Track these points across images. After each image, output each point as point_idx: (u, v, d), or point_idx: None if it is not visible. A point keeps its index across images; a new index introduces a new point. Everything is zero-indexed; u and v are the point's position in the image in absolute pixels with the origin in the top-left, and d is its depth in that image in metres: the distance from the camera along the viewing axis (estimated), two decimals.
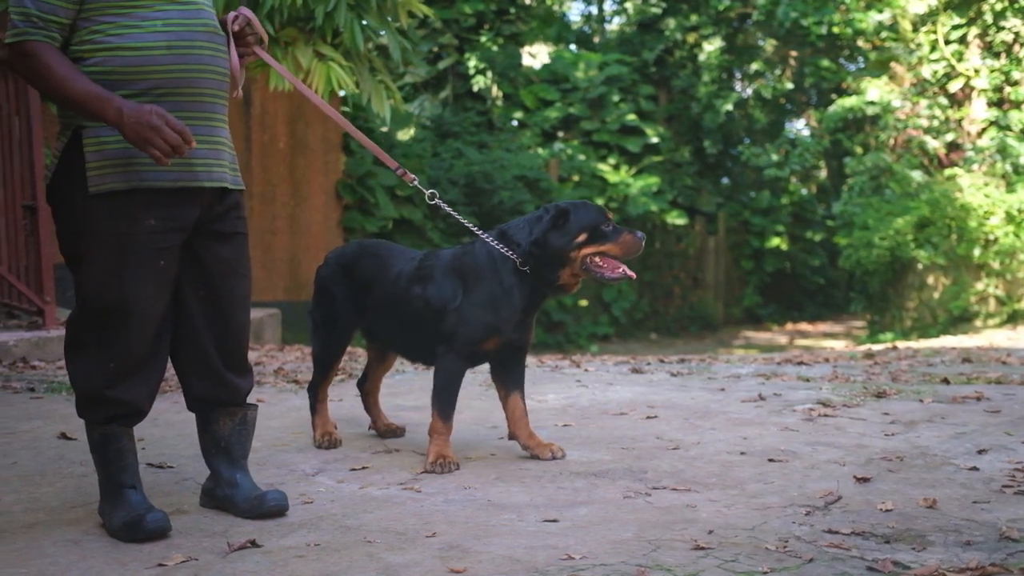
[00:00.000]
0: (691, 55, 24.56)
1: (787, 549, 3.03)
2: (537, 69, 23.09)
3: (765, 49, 24.79)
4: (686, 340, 21.10)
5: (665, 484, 3.81)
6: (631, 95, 22.72)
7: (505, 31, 21.26)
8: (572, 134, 22.18)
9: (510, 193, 17.76)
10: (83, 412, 3.28)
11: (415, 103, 20.65)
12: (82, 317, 3.22)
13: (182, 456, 4.31)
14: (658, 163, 22.14)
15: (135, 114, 3.00)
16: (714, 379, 6.41)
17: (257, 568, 2.93)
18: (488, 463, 4.19)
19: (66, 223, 3.21)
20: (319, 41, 7.82)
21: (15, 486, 3.86)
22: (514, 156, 19.04)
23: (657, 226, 21.71)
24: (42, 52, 3.07)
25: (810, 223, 24.47)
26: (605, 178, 21.13)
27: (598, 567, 2.91)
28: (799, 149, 20.83)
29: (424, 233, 16.84)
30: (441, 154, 18.62)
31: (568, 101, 22.11)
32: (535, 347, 18.03)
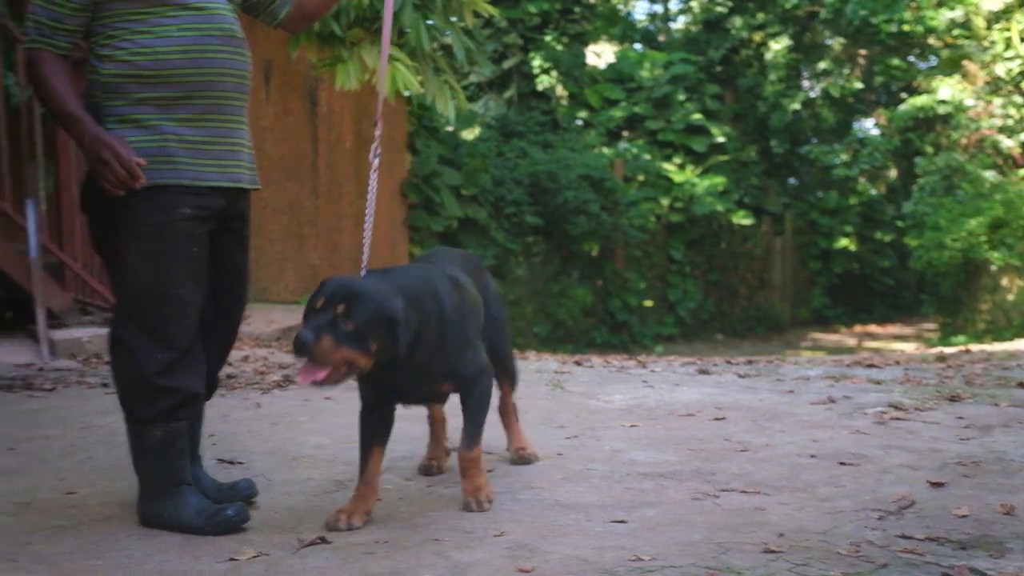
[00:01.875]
0: (758, 54, 24.33)
1: (859, 554, 2.98)
2: (602, 68, 23.02)
3: (833, 47, 24.48)
4: (752, 341, 20.91)
5: (734, 486, 3.78)
6: (697, 94, 22.56)
7: (570, 30, 21.21)
8: (637, 133, 22.07)
9: (575, 193, 17.72)
10: (140, 410, 3.29)
11: (480, 103, 20.68)
12: (125, 312, 3.27)
13: (252, 452, 4.36)
14: (724, 163, 21.96)
15: (92, 144, 3.13)
16: (782, 381, 6.34)
17: (327, 564, 2.95)
18: (555, 463, 4.17)
19: (103, 220, 3.28)
20: None
21: (91, 479, 3.93)
22: (579, 156, 18.99)
23: (723, 226, 21.54)
24: (43, 61, 3.19)
25: (879, 224, 24.11)
26: (670, 178, 21.00)
27: (667, 569, 2.88)
28: (868, 148, 20.55)
29: (488, 232, 16.87)
30: (505, 154, 18.62)
31: (633, 100, 22.01)
32: (601, 347, 18.02)
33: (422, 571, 2.89)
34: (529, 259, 17.93)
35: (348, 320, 3.14)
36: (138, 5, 3.18)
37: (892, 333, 22.02)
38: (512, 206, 17.39)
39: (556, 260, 18.45)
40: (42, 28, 3.18)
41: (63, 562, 3.00)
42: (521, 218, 17.45)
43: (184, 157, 3.21)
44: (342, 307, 3.15)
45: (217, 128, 3.31)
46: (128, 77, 3.18)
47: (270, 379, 6.32)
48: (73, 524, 3.37)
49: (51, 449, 4.43)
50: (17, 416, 5.13)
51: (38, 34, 3.19)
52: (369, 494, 3.42)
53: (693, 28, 25.22)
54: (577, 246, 18.36)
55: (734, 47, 23.81)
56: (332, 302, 3.17)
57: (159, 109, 3.21)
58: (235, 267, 3.50)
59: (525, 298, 17.61)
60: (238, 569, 2.92)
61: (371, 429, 3.48)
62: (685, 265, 21.12)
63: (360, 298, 3.18)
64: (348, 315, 3.15)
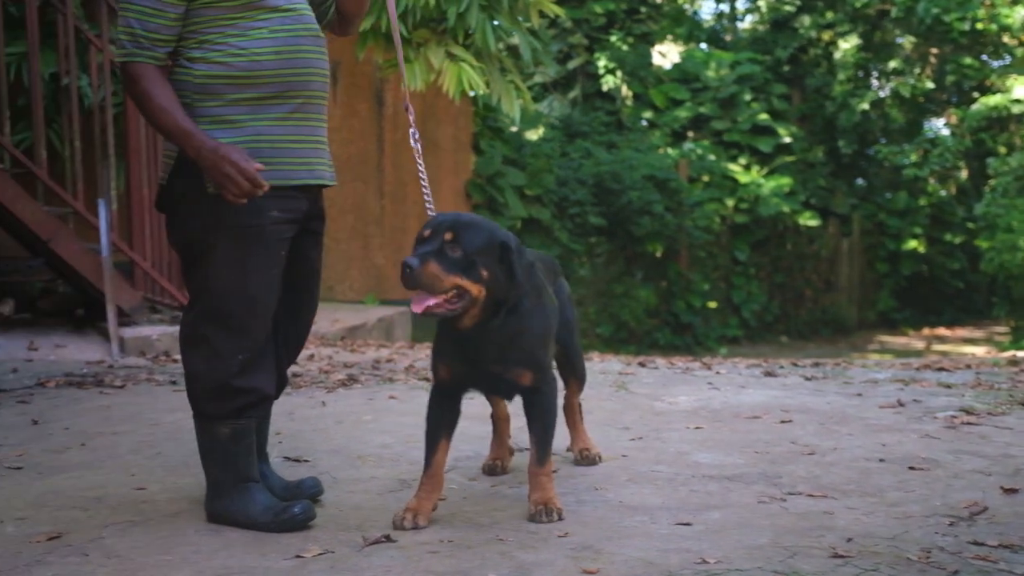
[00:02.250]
0: (826, 53, 24.07)
1: (930, 560, 2.93)
2: (667, 68, 22.91)
3: (904, 46, 24.13)
4: (818, 344, 20.69)
5: (801, 490, 3.73)
6: (763, 94, 22.38)
7: (635, 30, 21.14)
8: (702, 134, 21.94)
9: (639, 193, 17.66)
10: (211, 408, 3.31)
11: (544, 103, 20.68)
12: (206, 311, 3.28)
13: (318, 450, 4.39)
14: (790, 163, 21.75)
15: (211, 159, 3.09)
16: (850, 384, 6.26)
17: (392, 563, 2.96)
18: (619, 464, 4.16)
19: (188, 220, 3.29)
20: (451, 42, 7.88)
21: (159, 475, 3.98)
22: (643, 156, 18.92)
23: (789, 227, 21.35)
24: (145, 76, 3.16)
25: (949, 225, 23.73)
26: (736, 178, 20.85)
27: (733, 572, 2.86)
28: (939, 149, 20.24)
29: (552, 232, 16.86)
30: (570, 154, 18.61)
31: (699, 100, 21.88)
32: (664, 348, 17.94)
33: (486, 571, 2.89)
34: (592, 259, 17.91)
35: (456, 246, 3.14)
36: (230, 10, 3.20)
37: (962, 336, 21.68)
38: (576, 206, 17.37)
39: (620, 261, 18.40)
40: (139, 40, 3.15)
41: (133, 556, 3.04)
42: (585, 218, 17.42)
43: (275, 157, 3.24)
44: (449, 234, 3.15)
45: (305, 127, 3.34)
46: (222, 78, 3.20)
47: (335, 378, 6.36)
48: (142, 519, 3.42)
49: (121, 445, 4.50)
50: (89, 412, 5.22)
51: (136, 47, 3.16)
52: (434, 489, 3.40)
53: (760, 27, 25.02)
54: (641, 247, 18.29)
55: (802, 46, 23.58)
56: (439, 231, 3.17)
57: (251, 110, 3.23)
58: (310, 266, 3.52)
59: (588, 299, 17.59)
60: (304, 566, 2.94)
61: (439, 418, 3.45)
62: (750, 266, 20.96)
63: (469, 225, 3.18)
64: (456, 241, 3.14)
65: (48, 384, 5.96)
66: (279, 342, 3.51)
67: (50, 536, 3.22)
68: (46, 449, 4.42)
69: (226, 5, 3.19)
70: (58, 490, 3.78)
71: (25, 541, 3.19)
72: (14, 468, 4.10)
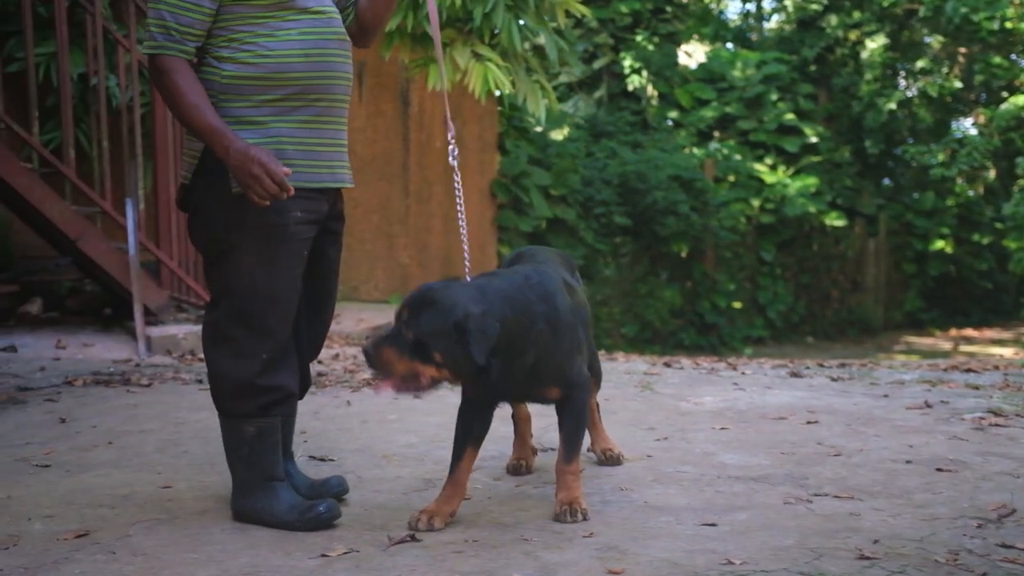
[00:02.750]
0: (853, 53, 23.93)
1: (958, 562, 2.91)
2: (693, 68, 22.83)
3: (932, 46, 23.97)
4: (844, 344, 20.58)
5: (827, 491, 3.72)
6: (790, 94, 22.27)
7: (661, 30, 21.08)
8: (728, 134, 21.85)
9: (664, 194, 17.61)
10: (235, 406, 3.33)
11: (569, 103, 20.65)
12: (229, 311, 3.30)
13: (343, 450, 4.40)
14: (817, 163, 21.64)
15: (240, 159, 3.09)
16: (877, 385, 6.22)
17: (416, 562, 2.96)
18: (645, 465, 4.15)
19: (211, 220, 3.30)
20: (477, 41, 7.88)
21: (186, 474, 4.00)
22: (669, 156, 18.87)
23: (815, 228, 21.24)
24: (176, 70, 3.15)
25: (977, 225, 23.55)
26: (762, 178, 20.76)
27: (759, 574, 2.85)
28: (967, 148, 20.07)
29: (577, 232, 16.84)
30: (595, 154, 18.58)
31: (724, 100, 21.80)
32: (689, 348, 17.89)
33: (511, 571, 2.89)
34: (617, 259, 17.88)
35: (409, 329, 3.11)
36: (260, 9, 3.21)
37: (989, 337, 21.52)
38: (601, 206, 17.35)
39: (645, 261, 18.36)
40: (171, 33, 3.14)
41: (159, 554, 3.06)
42: (610, 218, 17.39)
43: (298, 159, 3.25)
44: (406, 313, 3.13)
45: (328, 130, 3.35)
46: (249, 79, 3.21)
47: (360, 377, 6.38)
48: (169, 517, 3.44)
49: (148, 443, 4.52)
50: (116, 410, 5.25)
51: (167, 39, 3.15)
52: (455, 495, 3.40)
53: (787, 27, 24.90)
54: (666, 247, 18.25)
55: (829, 46, 23.45)
56: (403, 309, 3.16)
57: (277, 111, 3.24)
58: (329, 266, 3.54)
59: (613, 299, 17.56)
60: (329, 565, 2.95)
61: (467, 427, 3.45)
62: (776, 267, 20.86)
63: (424, 306, 3.12)
64: (409, 324, 3.11)
65: (75, 383, 6.00)
66: (301, 341, 3.52)
67: (78, 534, 3.25)
68: (73, 447, 4.45)
69: (257, 4, 3.19)
70: (86, 488, 3.80)
71: (53, 538, 3.21)
72: (42, 466, 4.13)
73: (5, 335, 7.22)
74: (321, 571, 2.90)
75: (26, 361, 6.62)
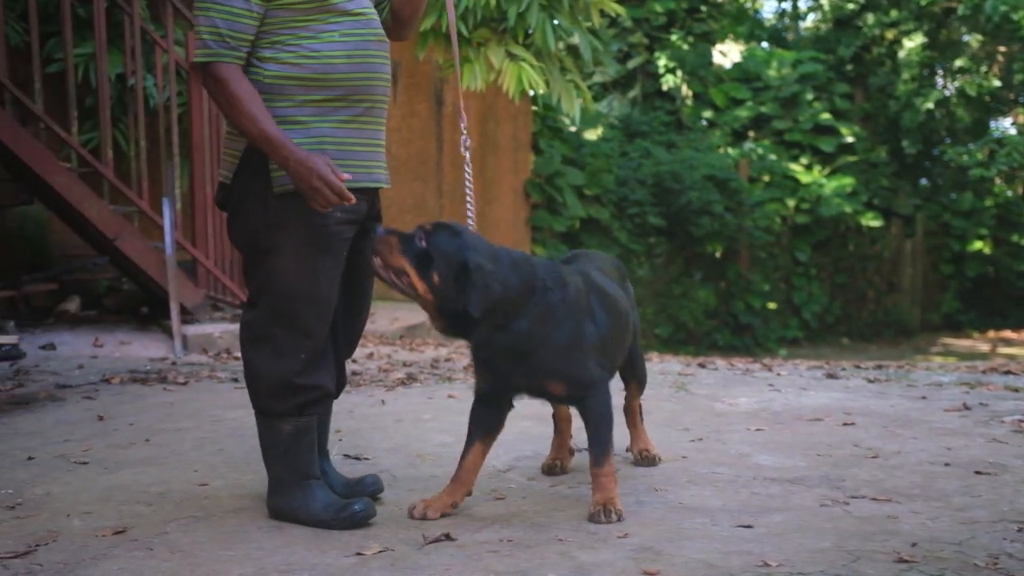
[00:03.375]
0: (890, 52, 23.74)
1: (998, 566, 2.88)
2: (728, 68, 22.73)
3: (970, 44, 23.75)
4: (880, 346, 20.43)
5: (864, 493, 3.69)
6: (825, 93, 22.12)
7: (696, 29, 21.01)
8: (763, 133, 21.74)
9: (699, 194, 17.55)
10: (273, 405, 3.34)
11: (603, 102, 20.62)
12: (270, 310, 3.31)
13: (378, 448, 4.41)
14: (853, 163, 21.48)
15: (300, 170, 3.10)
16: (914, 386, 6.17)
17: (451, 561, 2.96)
18: (679, 466, 4.13)
19: (252, 220, 3.30)
20: (511, 41, 7.89)
21: (222, 472, 4.02)
22: (703, 156, 18.80)
23: (851, 228, 21.09)
24: (232, 79, 3.15)
25: (1016, 226, 23.29)
26: (797, 178, 20.63)
27: None
28: (1006, 149, 19.86)
29: (611, 232, 16.81)
30: (629, 154, 18.54)
31: (760, 100, 21.69)
32: (723, 349, 17.81)
33: (546, 571, 2.88)
34: (651, 260, 17.83)
35: (424, 239, 3.20)
36: (302, 12, 3.21)
37: None
38: (635, 206, 17.31)
39: (679, 261, 18.31)
40: (226, 40, 3.15)
41: (196, 552, 3.07)
42: (644, 218, 17.35)
43: (338, 159, 3.25)
44: (429, 226, 3.24)
45: (368, 130, 3.37)
46: (292, 79, 3.22)
47: (394, 376, 6.39)
48: (205, 515, 3.46)
49: (184, 441, 4.55)
50: (152, 408, 5.29)
51: (223, 47, 3.15)
52: (457, 489, 3.47)
53: (823, 26, 24.75)
54: (700, 247, 18.18)
55: (865, 45, 23.28)
56: (425, 223, 3.28)
57: (319, 111, 3.25)
58: (366, 265, 3.54)
59: (647, 299, 17.51)
60: (364, 564, 2.96)
61: (478, 422, 3.51)
62: (811, 267, 20.73)
63: (450, 232, 3.24)
64: (427, 236, 3.21)
65: (113, 380, 6.05)
66: (337, 340, 3.53)
67: (116, 530, 3.27)
68: (111, 445, 4.49)
69: (299, 7, 3.20)
70: (123, 485, 3.83)
71: (92, 535, 3.24)
72: (80, 463, 4.16)
73: (44, 333, 7.29)
74: (356, 569, 2.91)
75: (65, 359, 6.69)
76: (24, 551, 3.07)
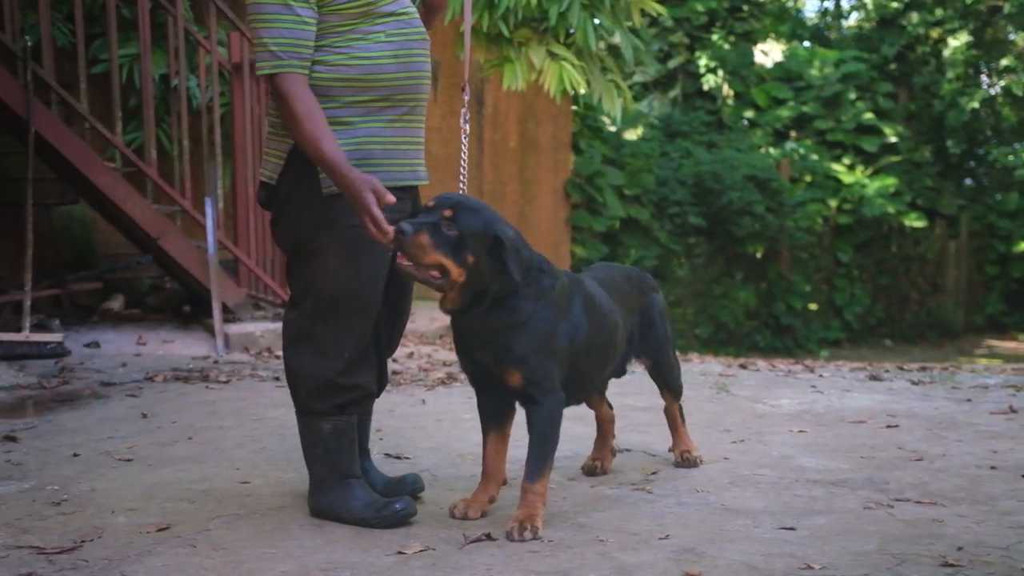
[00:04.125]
0: (935, 51, 23.51)
1: None
2: (769, 67, 22.60)
3: (1017, 43, 23.49)
4: (923, 348, 20.22)
5: (908, 496, 3.65)
6: (868, 93, 21.94)
7: (737, 29, 20.90)
8: (805, 133, 21.59)
9: (739, 194, 17.46)
10: (314, 404, 3.35)
11: (644, 102, 20.56)
12: (315, 310, 3.31)
13: (419, 447, 4.42)
14: (896, 163, 21.29)
15: (360, 196, 3.06)
16: (959, 389, 6.11)
17: (492, 561, 2.96)
18: (721, 467, 4.11)
19: (298, 220, 3.31)
20: (552, 41, 7.88)
21: (264, 470, 4.05)
22: (744, 156, 18.70)
23: (894, 229, 20.90)
24: (299, 96, 3.12)
25: None
26: (839, 179, 20.47)
27: None
28: None
29: (651, 232, 16.76)
30: (669, 153, 18.47)
31: (801, 100, 21.54)
32: (763, 350, 17.70)
33: (586, 571, 2.87)
34: (691, 260, 17.76)
35: (452, 225, 3.14)
36: (350, 16, 3.22)
37: None
38: (675, 206, 17.25)
39: (719, 261, 18.22)
40: (288, 49, 3.14)
41: (238, 549, 3.09)
42: (684, 219, 17.29)
43: (385, 159, 3.27)
44: (449, 212, 3.15)
45: (411, 129, 3.38)
46: (339, 81, 3.22)
47: (434, 376, 6.40)
48: (247, 512, 3.48)
49: (226, 439, 4.58)
50: (195, 406, 5.32)
51: (290, 56, 3.14)
52: (489, 484, 3.46)
53: (866, 25, 24.55)
54: (741, 247, 18.09)
55: (909, 44, 23.07)
56: (440, 205, 3.18)
57: (365, 112, 3.26)
58: None
59: (687, 299, 17.45)
60: (405, 563, 2.96)
61: (485, 411, 3.49)
62: (853, 268, 20.56)
63: (471, 209, 3.19)
64: (453, 220, 3.14)
65: (156, 378, 6.10)
66: (379, 339, 3.54)
67: (159, 527, 3.30)
68: (154, 442, 4.52)
69: (347, 12, 3.21)
70: (166, 482, 3.86)
71: (135, 531, 3.27)
72: (125, 460, 4.20)
73: (88, 331, 7.37)
74: (397, 568, 2.91)
75: (108, 357, 6.75)
76: (70, 547, 3.10)
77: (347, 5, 3.21)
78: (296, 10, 3.14)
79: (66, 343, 6.77)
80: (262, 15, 3.14)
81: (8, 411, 5.28)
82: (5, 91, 6.75)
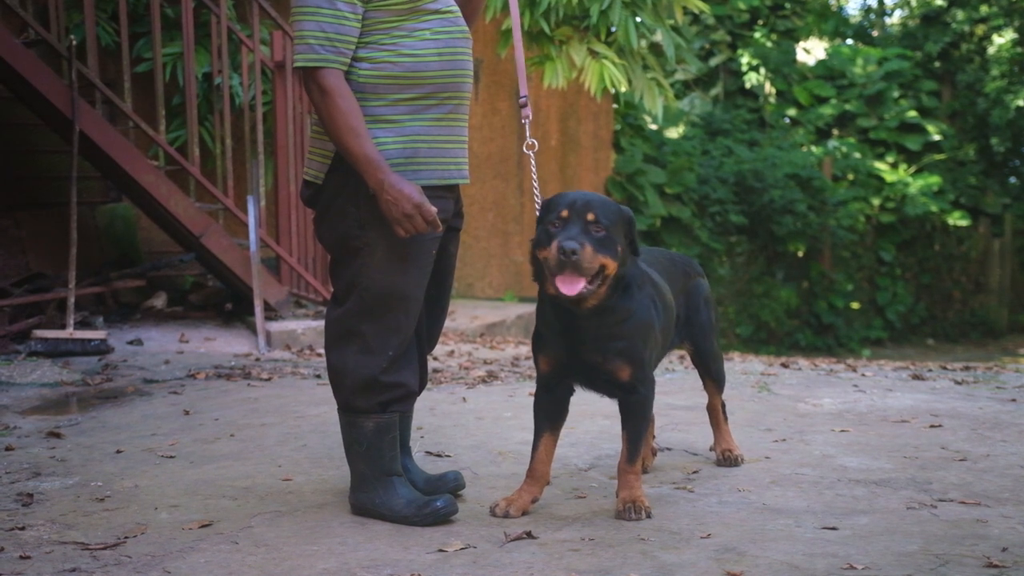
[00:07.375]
0: (979, 48, 23.27)
1: None
2: (812, 65, 22.46)
3: None
4: (966, 347, 20.03)
5: (952, 496, 3.61)
6: (912, 91, 21.76)
7: (779, 27, 20.80)
8: (848, 131, 21.45)
9: (781, 192, 17.37)
10: (357, 402, 3.35)
11: (685, 100, 20.50)
12: (359, 308, 3.32)
13: (459, 446, 4.42)
14: (940, 162, 21.10)
15: (393, 196, 3.10)
16: (1003, 388, 6.04)
17: (533, 559, 2.96)
18: (762, 466, 4.09)
19: (343, 218, 3.31)
20: (593, 39, 7.88)
21: (305, 468, 4.07)
22: (786, 154, 18.60)
23: (937, 227, 20.72)
24: (338, 92, 3.13)
25: None
26: (882, 177, 20.32)
27: None
28: None
29: (692, 231, 16.71)
30: (711, 152, 18.41)
31: (844, 98, 21.40)
32: (805, 349, 17.59)
33: (628, 570, 2.87)
34: (733, 258, 17.69)
35: (599, 226, 3.19)
36: (396, 13, 3.22)
37: None
38: (716, 205, 17.19)
39: (761, 260, 18.13)
40: (334, 45, 3.14)
41: (280, 546, 3.11)
42: (725, 217, 17.22)
43: (429, 157, 3.28)
44: (591, 215, 3.19)
45: (456, 127, 3.38)
46: (387, 78, 3.22)
47: (475, 374, 6.41)
48: (289, 510, 3.50)
49: (268, 436, 4.61)
50: (237, 404, 5.36)
51: (330, 52, 3.14)
52: (533, 485, 3.47)
53: (910, 23, 24.34)
54: (783, 246, 17.99)
55: (954, 41, 22.85)
56: (576, 211, 3.20)
57: (412, 110, 3.26)
58: (449, 261, 3.57)
59: (728, 298, 17.38)
60: (446, 560, 2.97)
61: (543, 411, 3.49)
62: (895, 267, 20.40)
63: (603, 204, 3.25)
64: (598, 220, 3.19)
65: (198, 376, 6.15)
66: (421, 336, 3.55)
67: (202, 524, 3.32)
68: (197, 439, 4.56)
69: (395, 7, 3.22)
70: (209, 479, 3.89)
71: (178, 528, 3.29)
72: (167, 457, 4.24)
73: (131, 329, 7.44)
74: (438, 566, 2.92)
75: (151, 354, 6.81)
76: (113, 543, 3.13)
77: (394, 1, 3.22)
78: (338, 4, 3.14)
79: (109, 340, 6.84)
80: (303, 8, 3.15)
81: (52, 408, 5.34)
82: (50, 90, 6.82)
